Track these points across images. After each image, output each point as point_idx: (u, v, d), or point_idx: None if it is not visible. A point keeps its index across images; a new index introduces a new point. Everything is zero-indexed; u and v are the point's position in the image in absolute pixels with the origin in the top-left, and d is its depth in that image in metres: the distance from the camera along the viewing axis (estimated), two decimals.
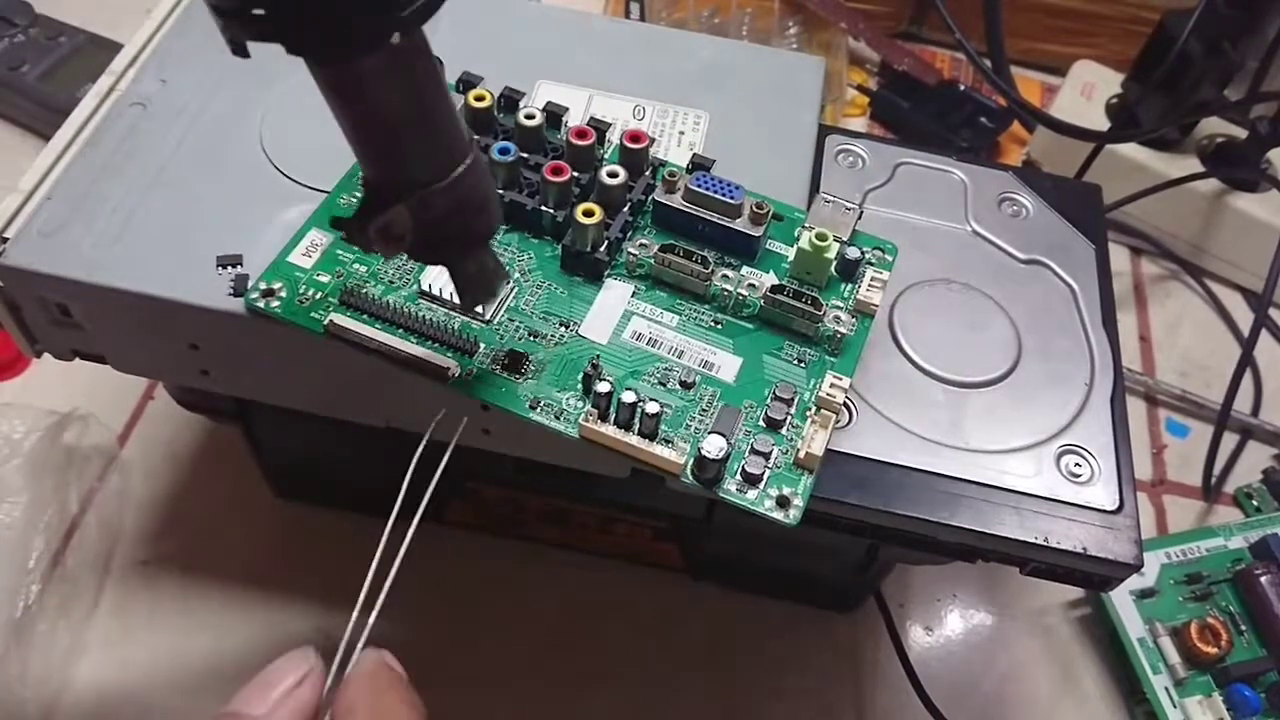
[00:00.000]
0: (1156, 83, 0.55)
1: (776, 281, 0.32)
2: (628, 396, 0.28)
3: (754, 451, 0.29)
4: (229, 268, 0.32)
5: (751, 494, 0.29)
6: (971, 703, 0.45)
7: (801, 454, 0.29)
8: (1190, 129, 0.59)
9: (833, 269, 0.33)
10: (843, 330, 0.31)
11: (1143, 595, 0.46)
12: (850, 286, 0.33)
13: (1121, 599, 0.46)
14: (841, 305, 0.32)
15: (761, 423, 0.30)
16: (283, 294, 0.31)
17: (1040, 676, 0.47)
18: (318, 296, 0.31)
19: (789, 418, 0.30)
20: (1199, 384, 0.57)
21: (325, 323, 0.30)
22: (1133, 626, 0.46)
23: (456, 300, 0.30)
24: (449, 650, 0.44)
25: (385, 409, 0.35)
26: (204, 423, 0.49)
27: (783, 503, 0.29)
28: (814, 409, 0.30)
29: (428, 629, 0.45)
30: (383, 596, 0.22)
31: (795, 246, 0.33)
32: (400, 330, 0.30)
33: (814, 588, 0.46)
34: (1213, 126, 0.60)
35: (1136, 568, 0.32)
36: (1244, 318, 0.60)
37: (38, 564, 0.42)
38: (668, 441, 0.29)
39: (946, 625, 0.48)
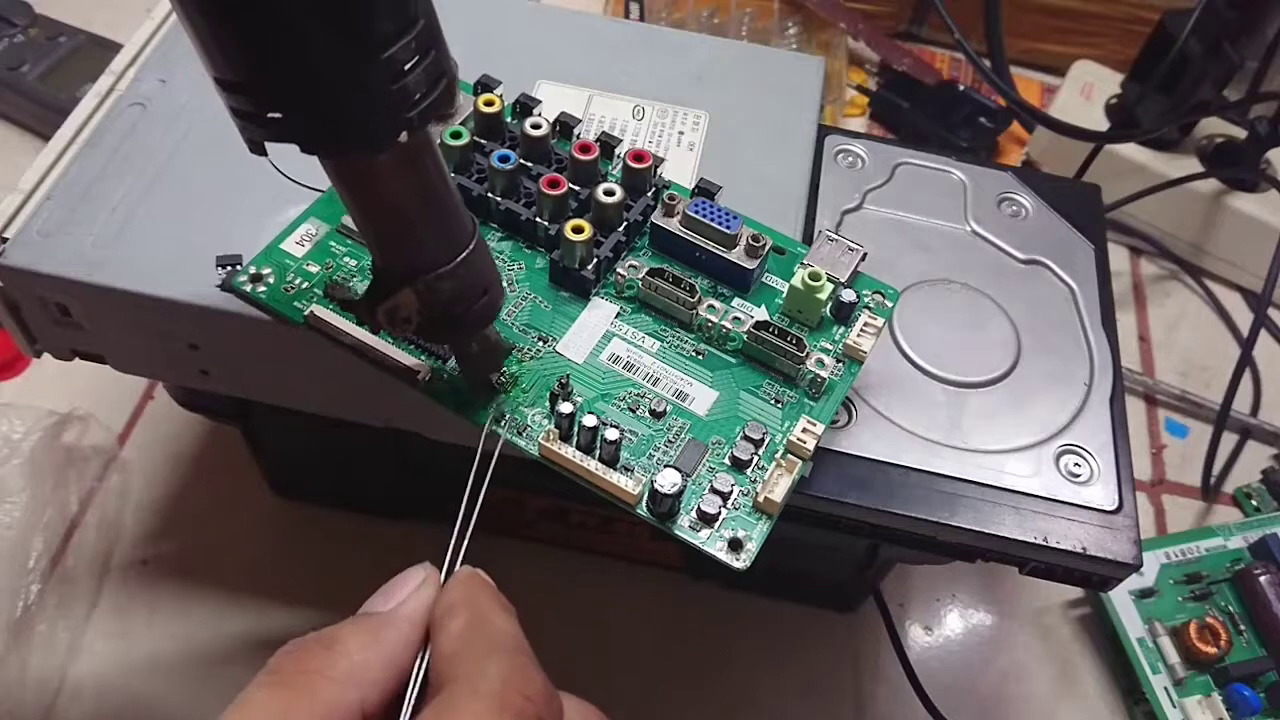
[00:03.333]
0: (1156, 83, 0.55)
1: (766, 317, 0.31)
2: (588, 420, 0.28)
3: (713, 490, 0.28)
4: (229, 268, 0.32)
5: (704, 533, 0.27)
6: (971, 703, 0.45)
7: (761, 498, 0.28)
8: (1190, 129, 0.59)
9: (826, 310, 0.32)
10: (824, 374, 0.30)
11: (1142, 595, 0.46)
12: (843, 330, 0.32)
13: (1121, 599, 0.46)
14: (830, 348, 0.31)
15: (727, 461, 0.29)
16: (270, 280, 0.31)
17: (1040, 676, 0.47)
18: (303, 286, 0.31)
19: (756, 459, 0.29)
20: (1198, 384, 0.57)
21: (306, 313, 0.30)
22: (1132, 626, 0.46)
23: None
24: None
25: (385, 409, 0.35)
26: (204, 423, 0.49)
27: (735, 546, 0.27)
28: (782, 453, 0.29)
29: None
30: (474, 519, 0.25)
31: (789, 283, 0.32)
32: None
33: (814, 588, 0.46)
34: (1212, 126, 0.60)
35: (1136, 568, 0.32)
36: (1243, 318, 0.60)
37: (37, 564, 0.42)
38: (628, 470, 0.28)
39: (946, 625, 0.48)
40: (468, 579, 0.23)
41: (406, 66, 0.20)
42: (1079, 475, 0.33)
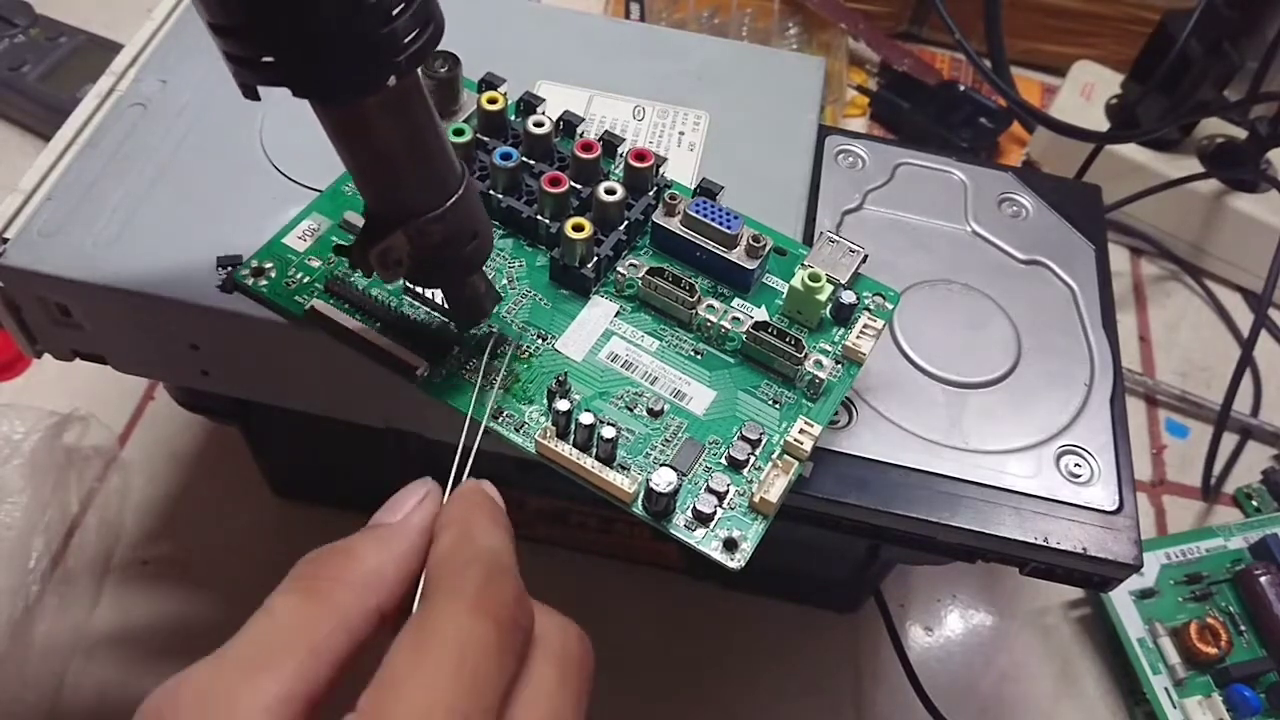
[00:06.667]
0: (1156, 83, 0.55)
1: (766, 317, 0.31)
2: (585, 418, 0.28)
3: (709, 490, 0.28)
4: (229, 268, 0.32)
5: (699, 533, 0.28)
6: (971, 703, 0.45)
7: (756, 498, 0.28)
8: (1190, 129, 0.59)
9: (825, 311, 0.32)
10: (823, 376, 0.30)
11: (1142, 595, 0.46)
12: (843, 331, 0.32)
13: (1121, 599, 0.46)
14: (829, 349, 0.31)
15: (723, 461, 0.29)
16: (272, 274, 0.31)
17: (1040, 676, 0.47)
18: (304, 280, 0.31)
19: (752, 459, 0.29)
20: (1199, 384, 0.57)
21: (307, 308, 0.30)
22: (1132, 627, 0.46)
23: (437, 299, 0.30)
24: None
25: (385, 409, 0.35)
26: (204, 423, 0.49)
27: (730, 545, 0.27)
28: (779, 453, 0.29)
29: None
30: (479, 438, 0.27)
31: (789, 284, 0.32)
32: (379, 324, 0.30)
33: (814, 588, 0.46)
34: (1212, 127, 0.60)
35: (1136, 568, 0.32)
36: (1244, 318, 0.60)
37: (38, 564, 0.42)
38: (624, 468, 0.28)
39: (946, 625, 0.48)
40: (466, 494, 0.24)
41: (395, 10, 0.21)
42: (1079, 475, 0.33)
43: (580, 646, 0.23)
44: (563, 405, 0.28)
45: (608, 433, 0.28)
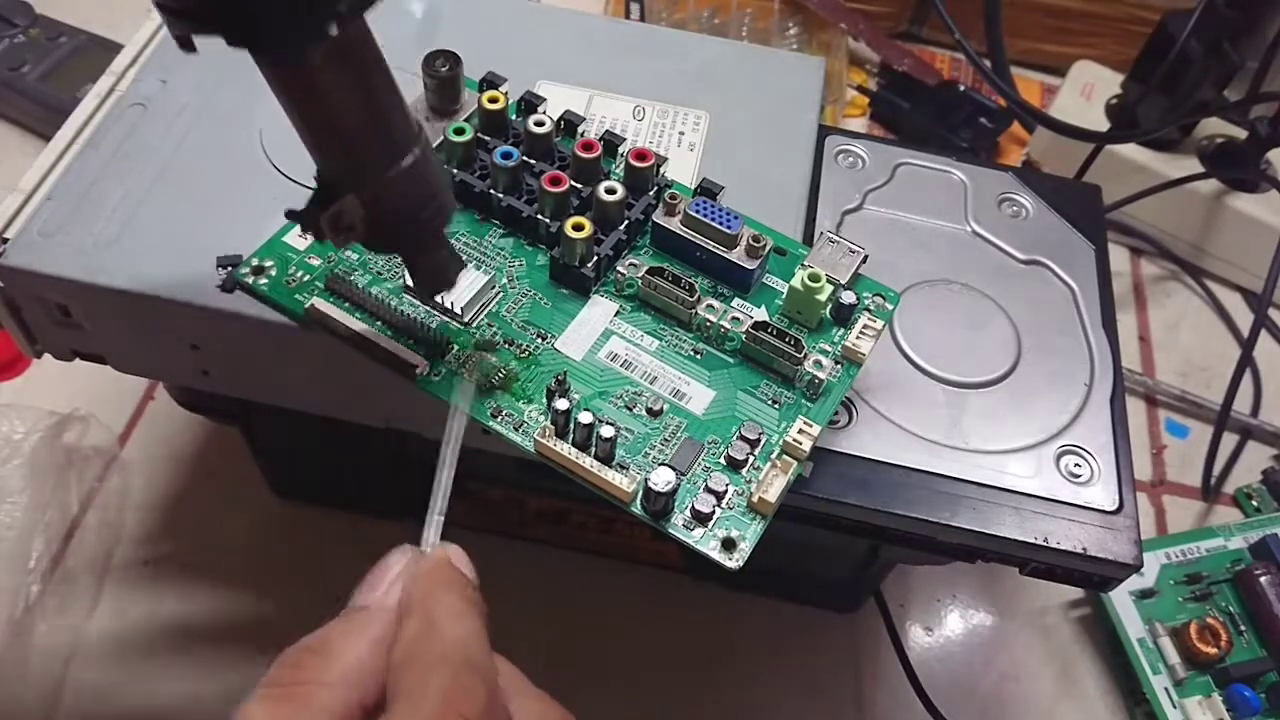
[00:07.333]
0: (1156, 83, 0.55)
1: (765, 317, 0.31)
2: (584, 417, 0.28)
3: (708, 489, 0.28)
4: (229, 268, 0.32)
5: (698, 532, 0.28)
6: (971, 703, 0.45)
7: (755, 498, 0.28)
8: (1190, 129, 0.59)
9: (825, 311, 0.32)
10: (822, 376, 0.30)
11: (1143, 595, 0.46)
12: (842, 331, 0.32)
13: (1121, 599, 0.46)
14: (829, 350, 0.31)
15: (722, 460, 0.29)
16: (272, 272, 0.31)
17: (1040, 676, 0.47)
18: (305, 279, 0.31)
19: (751, 459, 0.29)
20: (1199, 384, 0.57)
21: (307, 306, 0.30)
22: (1132, 627, 0.46)
23: (437, 298, 0.30)
24: None
25: (385, 409, 0.35)
26: (204, 423, 0.49)
27: (729, 545, 0.27)
28: (778, 453, 0.29)
29: None
30: (447, 494, 0.25)
31: (789, 284, 0.32)
32: (379, 323, 0.30)
33: (814, 588, 0.46)
34: (1213, 127, 0.60)
35: (1136, 568, 0.32)
36: (1244, 318, 0.60)
37: (38, 564, 0.42)
38: (623, 468, 0.28)
39: (946, 625, 0.48)
40: (431, 572, 0.23)
41: None
42: (1079, 476, 0.33)
43: None
44: (562, 404, 0.28)
45: (607, 432, 0.28)
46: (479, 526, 0.47)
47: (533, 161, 0.33)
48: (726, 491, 0.28)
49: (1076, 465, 0.33)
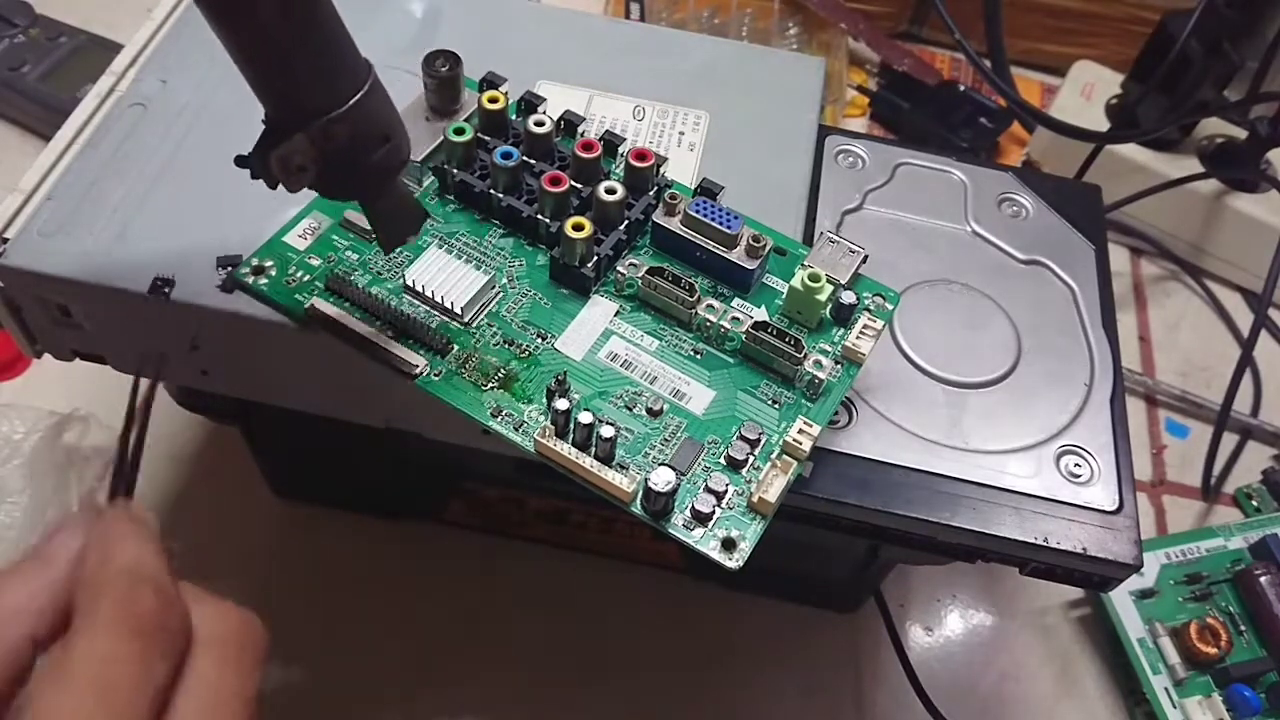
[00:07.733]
0: (1156, 83, 0.55)
1: (765, 317, 0.31)
2: (584, 417, 0.28)
3: (708, 489, 0.28)
4: (229, 268, 0.32)
5: (698, 532, 0.28)
6: (971, 703, 0.45)
7: (755, 498, 0.28)
8: (1190, 129, 0.59)
9: (825, 311, 0.32)
10: (822, 376, 0.30)
11: (1143, 595, 0.46)
12: (842, 331, 0.32)
13: (1121, 599, 0.46)
14: (828, 350, 0.31)
15: (722, 460, 0.29)
16: (272, 272, 0.31)
17: (1040, 676, 0.47)
18: (305, 279, 0.31)
19: (751, 459, 0.29)
20: (1199, 384, 0.57)
21: (306, 306, 0.30)
22: (1132, 627, 0.46)
23: (437, 298, 0.30)
24: (448, 650, 0.44)
25: (385, 409, 0.35)
26: (204, 423, 0.49)
27: (729, 545, 0.27)
28: (777, 453, 0.29)
29: (427, 629, 0.45)
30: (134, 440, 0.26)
31: (789, 284, 0.32)
32: (379, 322, 0.30)
33: (814, 588, 0.46)
34: (1213, 127, 0.60)
35: (1136, 568, 0.32)
36: (1244, 318, 0.60)
37: None
38: (623, 468, 0.28)
39: (946, 625, 0.48)
40: (105, 517, 0.24)
41: None
42: (1079, 476, 0.33)
43: (241, 625, 0.23)
44: (562, 404, 0.28)
45: (606, 432, 0.28)
46: (479, 526, 0.47)
47: (533, 161, 0.33)
48: (726, 491, 0.28)
49: (1076, 465, 0.33)
